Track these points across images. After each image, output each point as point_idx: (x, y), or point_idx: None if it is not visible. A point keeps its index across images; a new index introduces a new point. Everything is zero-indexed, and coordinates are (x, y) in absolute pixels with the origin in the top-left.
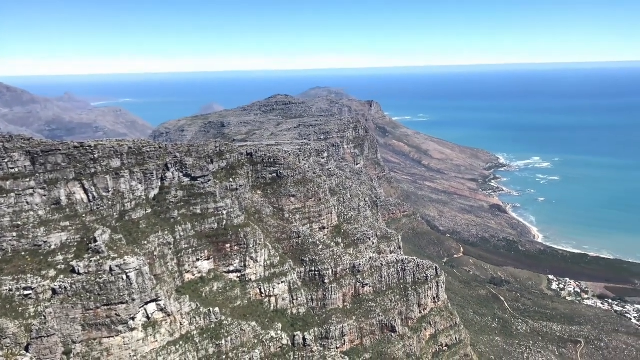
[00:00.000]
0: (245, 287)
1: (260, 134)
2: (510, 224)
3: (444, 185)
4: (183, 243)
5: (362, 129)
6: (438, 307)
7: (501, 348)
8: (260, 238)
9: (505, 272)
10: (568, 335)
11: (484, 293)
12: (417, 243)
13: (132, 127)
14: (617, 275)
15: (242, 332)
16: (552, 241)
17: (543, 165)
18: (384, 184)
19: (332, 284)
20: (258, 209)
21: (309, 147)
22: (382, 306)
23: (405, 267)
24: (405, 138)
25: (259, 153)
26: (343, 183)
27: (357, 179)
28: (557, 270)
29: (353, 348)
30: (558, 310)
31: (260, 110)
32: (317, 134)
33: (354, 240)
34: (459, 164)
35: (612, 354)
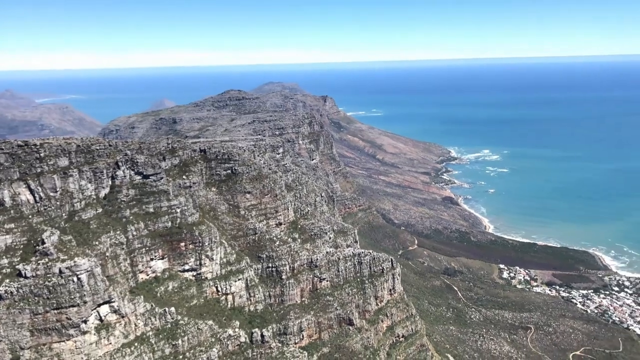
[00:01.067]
0: (201, 286)
1: (214, 130)
2: (462, 215)
3: (398, 179)
4: (136, 243)
5: (317, 124)
6: (394, 299)
7: (456, 337)
8: (215, 236)
9: (458, 262)
10: (519, 322)
11: (438, 284)
12: (373, 236)
13: (79, 125)
14: (564, 263)
15: (199, 331)
16: (502, 231)
17: (493, 157)
18: (340, 179)
19: (289, 280)
20: (213, 206)
21: (264, 143)
22: (339, 300)
23: (362, 260)
24: (359, 133)
25: (212, 149)
26: (299, 178)
27: (313, 174)
28: (508, 259)
29: (311, 343)
30: (509, 298)
31: (213, 106)
32: (272, 130)
33: (311, 235)
34: (412, 157)
35: (559, 338)
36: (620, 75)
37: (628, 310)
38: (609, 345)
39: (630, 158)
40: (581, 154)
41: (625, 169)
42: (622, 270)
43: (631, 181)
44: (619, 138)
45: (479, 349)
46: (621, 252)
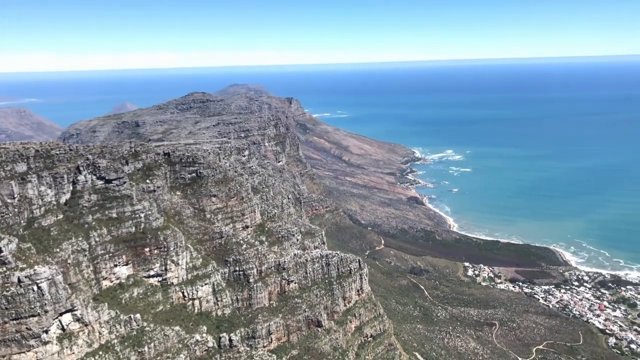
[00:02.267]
0: (167, 292)
1: (178, 133)
2: (427, 215)
3: (364, 179)
4: (99, 249)
5: (282, 126)
6: (362, 299)
7: (423, 335)
8: (181, 240)
9: (424, 261)
10: (484, 319)
11: (405, 283)
12: (340, 237)
13: (38, 129)
14: (526, 260)
15: (166, 338)
16: (466, 230)
17: (456, 157)
18: (307, 181)
19: (257, 283)
20: (178, 210)
21: (229, 146)
22: (307, 302)
23: (330, 261)
24: (325, 134)
25: (176, 153)
26: (265, 181)
27: (280, 176)
28: (472, 257)
29: (280, 345)
30: (474, 296)
31: (177, 108)
32: (237, 132)
33: (278, 237)
34: (377, 158)
35: (523, 333)
36: (585, 77)
37: (587, 304)
38: (570, 339)
39: (589, 156)
40: (542, 152)
41: (585, 167)
42: (582, 265)
43: (590, 179)
44: (580, 137)
45: (445, 346)
46: (580, 247)
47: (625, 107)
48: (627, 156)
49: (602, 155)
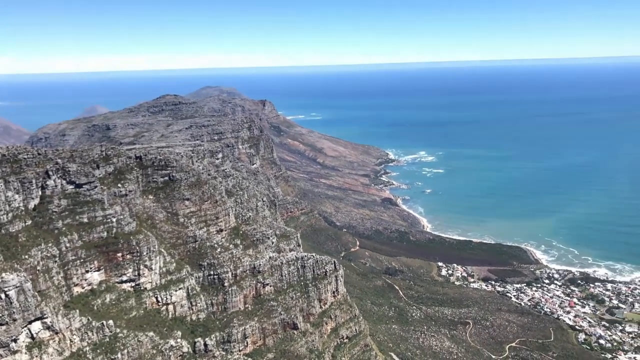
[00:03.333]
0: (140, 297)
1: (150, 136)
2: (402, 215)
3: (338, 181)
4: (70, 255)
5: (256, 129)
6: (338, 301)
7: (398, 335)
8: (154, 245)
9: (399, 262)
10: (458, 318)
11: (380, 283)
12: (315, 239)
13: (4, 133)
14: (498, 259)
15: (139, 344)
16: (439, 230)
17: (429, 159)
18: (281, 183)
19: (232, 287)
20: (150, 214)
21: (202, 148)
22: (283, 304)
23: (305, 264)
24: (300, 137)
25: (149, 156)
26: (240, 184)
27: (254, 179)
28: (446, 257)
29: (256, 349)
30: (448, 295)
31: (149, 111)
32: (210, 135)
33: (253, 240)
34: (352, 160)
35: (496, 331)
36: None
37: (558, 301)
38: (541, 335)
39: (558, 156)
40: (512, 153)
41: (554, 167)
42: (552, 263)
43: (559, 179)
44: (549, 137)
45: (420, 345)
46: (550, 246)
47: (594, 108)
48: (594, 155)
49: (570, 155)
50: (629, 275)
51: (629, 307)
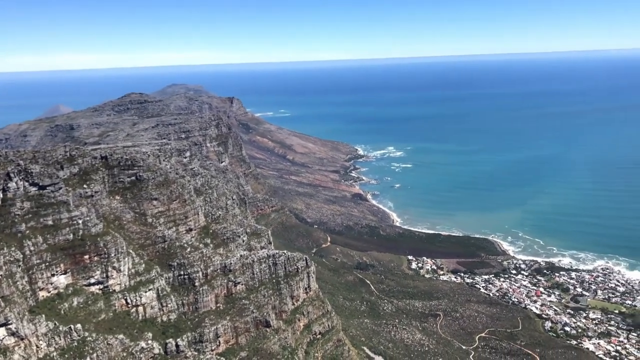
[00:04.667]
0: (109, 299)
1: (115, 136)
2: (371, 210)
3: (308, 178)
4: (34, 258)
5: (224, 126)
6: (310, 297)
7: (370, 329)
8: (122, 246)
9: (370, 256)
10: (428, 310)
11: (351, 278)
12: (286, 236)
13: None
14: (467, 251)
15: (109, 347)
16: (409, 224)
17: (397, 154)
18: (251, 181)
19: (203, 287)
20: (117, 215)
21: (170, 147)
22: (255, 303)
23: (277, 261)
24: (268, 134)
25: (114, 156)
26: (208, 182)
27: (223, 177)
28: (415, 250)
29: (229, 348)
30: (418, 288)
31: (114, 110)
32: (178, 133)
33: (224, 239)
34: (321, 157)
35: (466, 322)
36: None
37: (525, 291)
38: (510, 325)
39: (524, 149)
40: (479, 147)
41: (519, 160)
42: (518, 254)
43: (524, 171)
44: (513, 131)
45: (392, 339)
46: (517, 237)
47: (559, 101)
48: (558, 148)
49: (535, 148)
50: (592, 263)
51: (592, 294)
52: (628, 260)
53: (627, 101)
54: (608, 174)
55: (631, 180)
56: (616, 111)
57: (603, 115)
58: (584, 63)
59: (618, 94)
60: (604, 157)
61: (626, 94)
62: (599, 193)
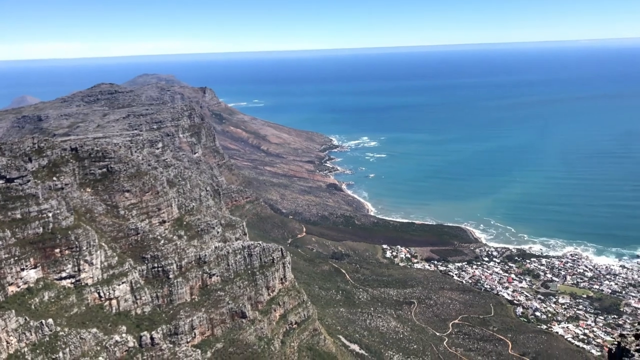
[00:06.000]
0: (81, 293)
1: (85, 127)
2: (346, 200)
3: (283, 168)
4: (3, 253)
5: (197, 117)
6: (286, 288)
7: (346, 318)
8: (93, 239)
9: (345, 246)
10: (403, 298)
11: (327, 268)
12: (262, 227)
13: None
14: (440, 239)
15: (82, 341)
16: (383, 213)
17: (371, 144)
18: (225, 172)
19: (177, 279)
20: (89, 207)
21: (141, 138)
22: (231, 294)
23: (252, 252)
24: (242, 124)
25: (85, 147)
26: (182, 173)
27: (197, 168)
28: (390, 239)
29: (204, 340)
30: (393, 276)
31: (83, 101)
32: (149, 124)
33: (198, 231)
34: (296, 147)
35: (440, 309)
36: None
37: (497, 278)
38: (482, 311)
39: (496, 139)
40: (452, 137)
41: (491, 150)
42: (490, 241)
43: (496, 160)
44: (488, 120)
45: (368, 327)
46: (489, 225)
47: (532, 91)
48: (530, 137)
49: (507, 138)
50: (561, 250)
51: (562, 279)
52: (596, 246)
53: (596, 91)
54: (578, 162)
55: (600, 168)
56: (586, 100)
57: (574, 105)
58: (556, 53)
59: (587, 84)
60: (574, 147)
61: (595, 83)
62: (568, 182)
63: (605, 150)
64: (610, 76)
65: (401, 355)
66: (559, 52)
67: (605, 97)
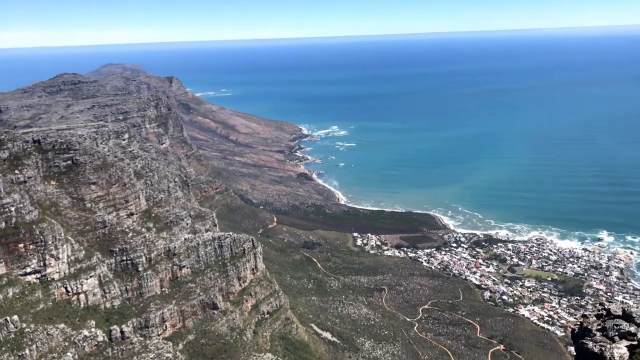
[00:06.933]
0: (47, 288)
1: (48, 118)
2: (317, 190)
3: (253, 158)
4: None
5: (164, 107)
6: (257, 278)
7: (318, 306)
8: (59, 233)
9: (316, 235)
10: (374, 285)
11: (298, 257)
12: (232, 218)
13: None
14: (409, 226)
15: (50, 337)
16: (354, 202)
17: (341, 133)
18: (194, 162)
19: (147, 271)
20: (54, 201)
21: (107, 129)
22: (201, 285)
23: (222, 243)
24: (210, 114)
25: (48, 139)
26: (149, 165)
27: (164, 159)
28: (360, 227)
29: (176, 332)
30: (364, 264)
31: (45, 91)
32: (115, 114)
33: (167, 223)
34: (265, 137)
35: (410, 295)
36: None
37: (465, 263)
38: (451, 296)
39: (464, 127)
40: (422, 125)
41: (460, 137)
42: (458, 228)
43: (465, 148)
44: (457, 109)
45: (339, 314)
46: (457, 211)
47: (500, 79)
48: (496, 125)
49: (475, 125)
50: (527, 234)
51: (527, 263)
52: (560, 230)
53: (562, 78)
54: (542, 149)
55: (564, 155)
56: (552, 88)
57: (540, 93)
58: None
59: (553, 72)
60: (539, 133)
61: (561, 71)
62: (533, 168)
63: (569, 136)
64: (575, 64)
65: (372, 341)
66: (524, 40)
67: (571, 85)
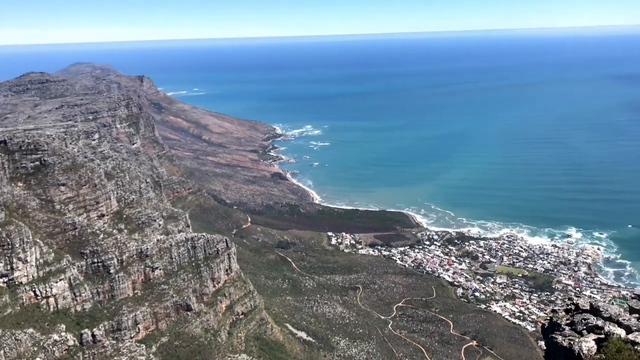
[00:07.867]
0: (15, 292)
1: (14, 118)
2: (291, 189)
3: (226, 158)
4: None
5: (135, 106)
6: (231, 278)
7: (293, 306)
8: (27, 235)
9: (291, 234)
10: (348, 284)
11: (273, 257)
12: (205, 219)
13: None
14: (383, 224)
15: (18, 342)
16: (328, 201)
17: (315, 132)
18: (166, 163)
19: (118, 274)
20: (21, 203)
21: (76, 129)
22: (175, 287)
23: (196, 244)
24: (182, 113)
25: (15, 140)
26: (120, 165)
27: (136, 159)
28: (335, 226)
29: (149, 334)
30: (338, 263)
31: (11, 90)
32: (85, 114)
33: (139, 224)
34: (239, 136)
35: (384, 293)
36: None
37: (438, 261)
38: (424, 293)
39: (438, 126)
40: (393, 124)
41: (434, 136)
42: (431, 225)
43: (438, 147)
44: (432, 108)
45: (314, 314)
46: (429, 210)
47: (473, 78)
48: (469, 124)
49: (448, 124)
50: (498, 232)
51: (499, 260)
52: (530, 227)
53: (534, 78)
54: (514, 148)
55: (534, 153)
56: (525, 87)
57: (513, 92)
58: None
59: (526, 72)
60: (511, 132)
61: (533, 71)
62: (505, 166)
63: (540, 135)
64: (548, 63)
65: (347, 340)
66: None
67: (543, 84)
